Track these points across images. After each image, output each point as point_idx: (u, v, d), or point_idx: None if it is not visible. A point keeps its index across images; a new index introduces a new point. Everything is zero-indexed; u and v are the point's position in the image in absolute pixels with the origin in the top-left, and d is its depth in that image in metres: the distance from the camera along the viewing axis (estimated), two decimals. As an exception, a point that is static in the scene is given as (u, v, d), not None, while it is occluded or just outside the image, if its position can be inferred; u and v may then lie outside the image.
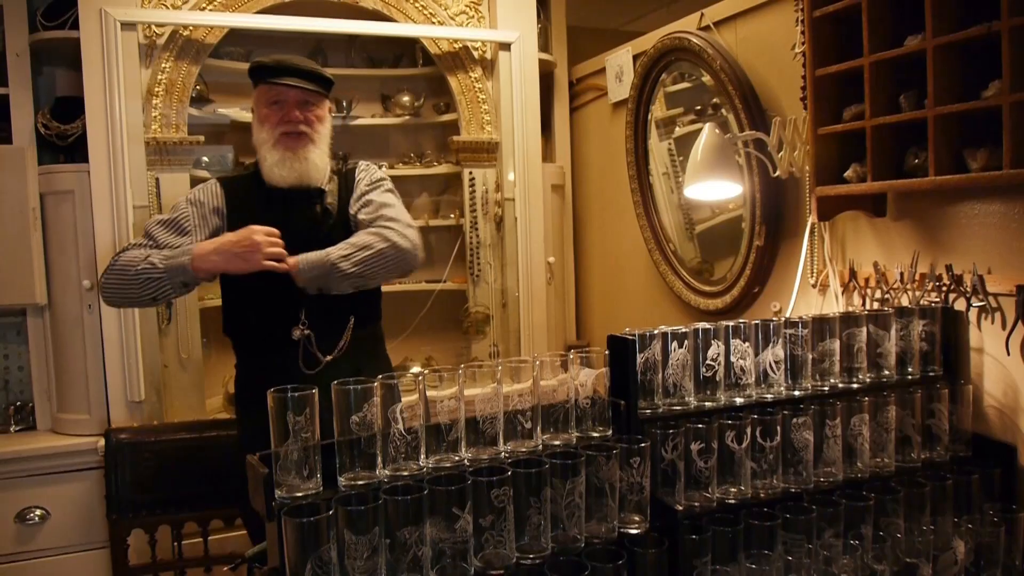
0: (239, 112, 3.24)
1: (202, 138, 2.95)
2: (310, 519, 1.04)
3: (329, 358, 2.10)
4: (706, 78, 2.77)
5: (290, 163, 2.11)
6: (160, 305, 2.36)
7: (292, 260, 2.00)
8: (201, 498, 2.30)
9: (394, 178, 3.49)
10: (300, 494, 1.13)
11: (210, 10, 2.89)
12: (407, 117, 3.50)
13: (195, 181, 2.94)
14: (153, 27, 2.82)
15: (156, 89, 2.83)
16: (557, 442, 1.37)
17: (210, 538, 2.36)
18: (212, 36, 2.92)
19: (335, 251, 2.01)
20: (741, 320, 1.56)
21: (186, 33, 2.86)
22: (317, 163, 2.15)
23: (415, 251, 2.12)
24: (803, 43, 2.07)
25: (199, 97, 3.10)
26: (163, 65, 2.84)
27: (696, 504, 1.43)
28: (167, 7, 2.84)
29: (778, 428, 1.50)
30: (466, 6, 3.27)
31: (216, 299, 3.23)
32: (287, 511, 1.05)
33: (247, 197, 2.16)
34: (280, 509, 1.07)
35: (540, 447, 1.34)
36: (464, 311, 3.38)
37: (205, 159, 3.16)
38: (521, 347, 3.28)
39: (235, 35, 3.06)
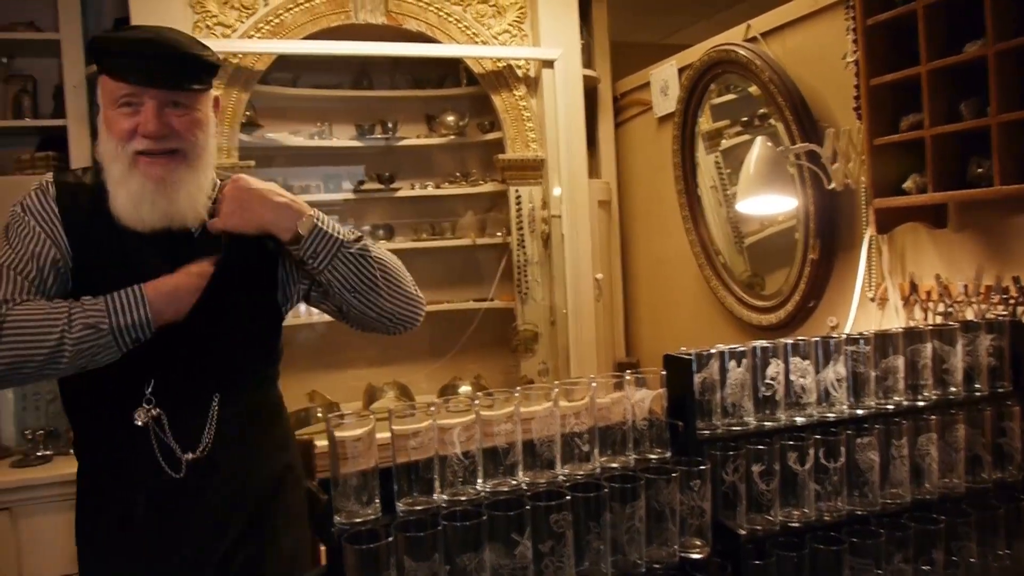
0: (287, 136, 3.30)
1: (252, 163, 3.00)
2: (370, 546, 1.03)
3: (191, 456, 1.47)
4: (752, 89, 2.74)
5: (152, 199, 1.44)
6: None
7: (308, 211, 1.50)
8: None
9: (440, 197, 3.58)
10: (359, 520, 1.12)
11: (258, 38, 2.94)
12: (452, 136, 3.52)
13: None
14: (204, 55, 2.88)
15: (208, 116, 2.88)
16: (615, 465, 1.35)
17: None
18: (261, 63, 2.97)
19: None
20: (800, 337, 1.52)
21: (236, 61, 2.92)
22: (192, 193, 1.48)
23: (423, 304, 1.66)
24: (855, 52, 2.04)
25: (249, 123, 3.16)
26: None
27: (759, 528, 1.39)
28: (217, 36, 2.90)
29: (842, 448, 1.46)
30: (509, 25, 3.28)
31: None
32: (347, 537, 1.05)
33: (90, 225, 1.47)
34: (340, 536, 1.06)
35: (598, 470, 1.31)
36: (512, 329, 3.37)
37: (255, 183, 3.21)
38: (571, 365, 3.26)
39: (283, 61, 3.12)
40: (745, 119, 2.91)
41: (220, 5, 2.91)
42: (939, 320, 1.97)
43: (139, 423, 1.45)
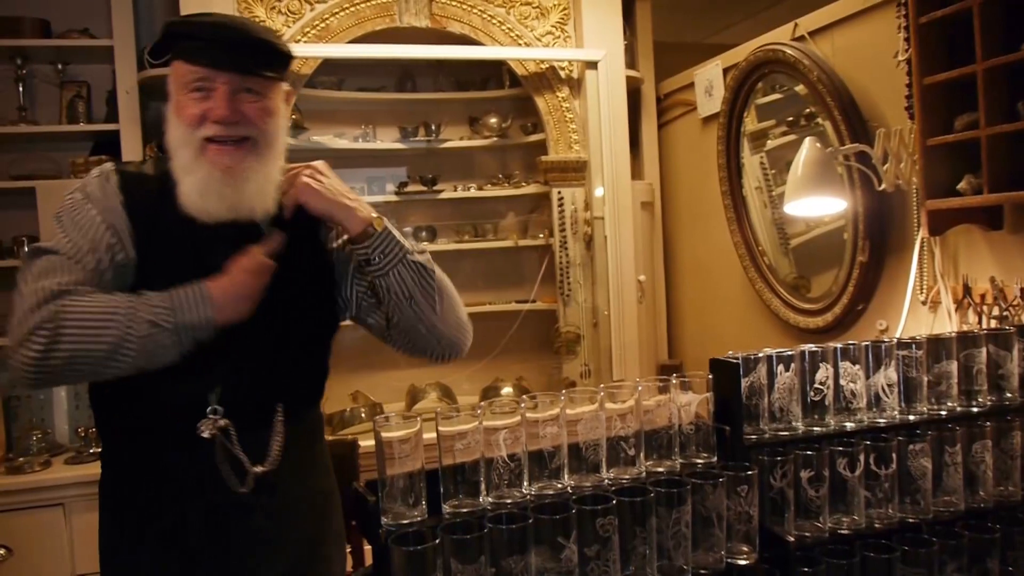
0: (332, 139, 3.33)
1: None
2: (417, 548, 1.04)
3: (261, 469, 1.41)
4: (799, 88, 2.70)
5: (219, 189, 1.37)
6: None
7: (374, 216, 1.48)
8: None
9: (482, 199, 3.59)
10: (406, 522, 1.13)
11: (304, 42, 2.98)
12: (495, 138, 3.53)
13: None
14: (252, 60, 2.92)
15: (255, 119, 2.93)
16: (660, 469, 1.34)
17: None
18: (307, 67, 3.01)
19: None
20: (851, 341, 1.49)
21: (283, 65, 2.95)
22: (262, 184, 1.41)
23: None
24: (907, 50, 2.00)
25: (295, 125, 3.21)
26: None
27: (808, 534, 1.37)
28: (265, 40, 2.94)
29: (893, 455, 1.43)
30: (552, 26, 3.28)
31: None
32: (394, 539, 1.05)
33: (156, 215, 1.40)
34: (388, 537, 1.07)
35: (644, 474, 1.31)
36: (555, 331, 3.36)
37: (301, 185, 3.26)
38: (613, 367, 3.25)
39: (328, 64, 3.15)
40: (791, 119, 2.87)
41: (267, 10, 2.95)
42: (994, 324, 1.92)
43: (205, 435, 1.37)
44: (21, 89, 3.02)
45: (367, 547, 1.97)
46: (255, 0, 2.93)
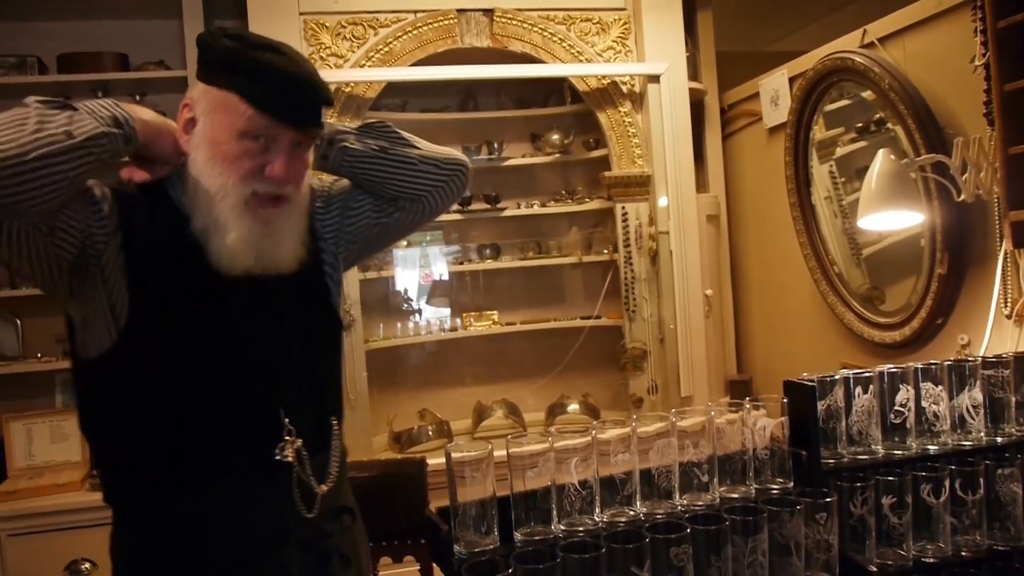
0: (397, 160, 3.38)
1: (365, 187, 3.08)
2: (490, 577, 1.04)
3: (325, 488, 1.35)
4: (866, 93, 2.63)
5: (259, 245, 1.27)
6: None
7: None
8: (372, 536, 2.36)
9: (546, 216, 3.59)
10: (479, 550, 1.13)
11: (369, 66, 3.03)
12: (557, 155, 3.53)
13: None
14: (319, 86, 2.99)
15: (323, 144, 2.99)
16: (735, 495, 1.31)
17: (380, 574, 2.42)
18: (372, 90, 3.06)
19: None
20: (932, 361, 1.44)
21: (348, 89, 3.02)
22: (294, 237, 1.33)
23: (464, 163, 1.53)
24: (984, 55, 1.93)
25: (361, 148, 3.26)
26: (329, 120, 2.99)
27: (890, 563, 1.33)
28: (331, 67, 3.01)
29: (980, 479, 1.37)
30: (613, 41, 3.27)
31: (380, 340, 3.34)
32: (467, 568, 1.06)
33: (162, 252, 1.26)
34: (460, 565, 1.08)
35: (718, 501, 1.28)
36: (621, 347, 3.34)
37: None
38: (680, 382, 3.20)
39: (392, 86, 3.20)
40: (860, 125, 2.80)
41: (333, 36, 3.02)
42: (1086, 339, 1.83)
43: (288, 459, 1.28)
44: (102, 120, 3.14)
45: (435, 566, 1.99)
46: (320, 27, 3.00)
